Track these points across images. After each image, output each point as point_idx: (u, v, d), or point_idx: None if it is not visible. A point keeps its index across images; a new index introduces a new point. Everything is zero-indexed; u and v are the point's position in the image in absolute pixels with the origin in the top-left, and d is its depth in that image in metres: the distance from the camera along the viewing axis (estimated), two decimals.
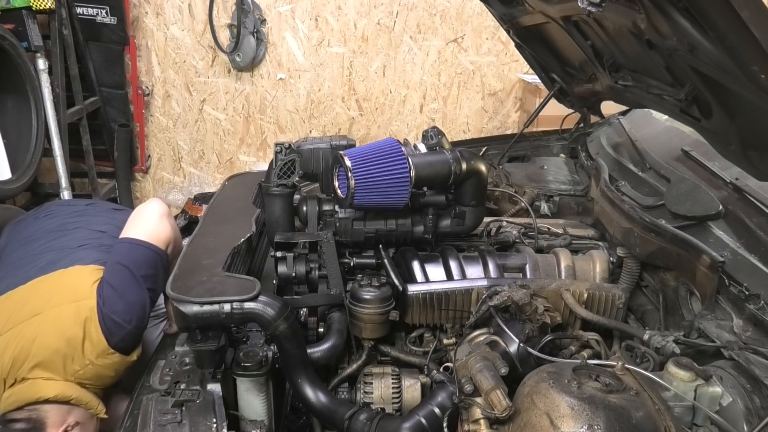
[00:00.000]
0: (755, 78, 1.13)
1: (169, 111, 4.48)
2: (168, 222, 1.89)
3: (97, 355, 1.63)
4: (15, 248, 1.94)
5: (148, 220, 1.85)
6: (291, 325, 1.41)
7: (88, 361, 1.62)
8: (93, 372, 1.64)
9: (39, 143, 3.33)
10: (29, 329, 1.61)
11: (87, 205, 2.19)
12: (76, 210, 2.11)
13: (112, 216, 2.10)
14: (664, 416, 1.12)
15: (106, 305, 1.63)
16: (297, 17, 4.23)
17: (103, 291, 1.66)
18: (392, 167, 1.61)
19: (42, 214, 2.09)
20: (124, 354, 1.67)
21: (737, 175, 1.65)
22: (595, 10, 1.51)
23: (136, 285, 1.70)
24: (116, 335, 1.63)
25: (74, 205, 2.25)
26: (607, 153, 2.25)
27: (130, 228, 1.84)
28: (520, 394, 1.23)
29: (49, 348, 1.60)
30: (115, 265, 1.73)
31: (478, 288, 1.63)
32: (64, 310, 1.63)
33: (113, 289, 1.67)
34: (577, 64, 2.27)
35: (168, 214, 1.92)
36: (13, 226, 2.10)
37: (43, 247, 1.88)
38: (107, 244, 1.89)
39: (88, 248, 1.86)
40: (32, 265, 1.80)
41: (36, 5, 3.32)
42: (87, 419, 1.68)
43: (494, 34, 4.25)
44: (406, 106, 4.46)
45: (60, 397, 1.60)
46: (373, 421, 1.39)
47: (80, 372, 1.63)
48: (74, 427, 1.64)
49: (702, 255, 1.45)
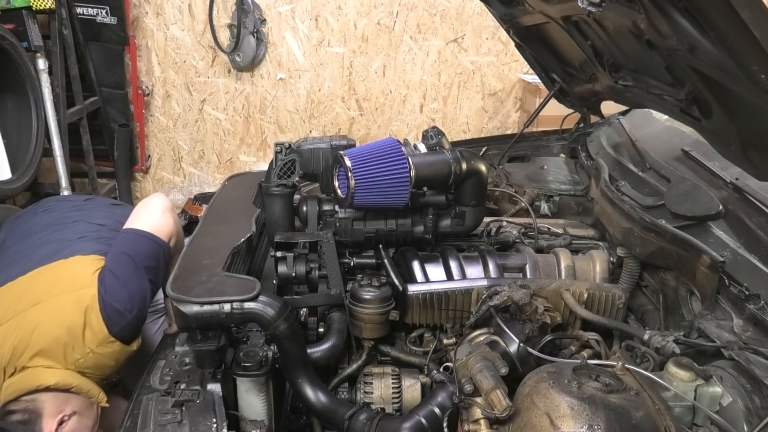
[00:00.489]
0: (755, 78, 1.13)
1: (169, 111, 4.48)
2: (171, 216, 1.91)
3: (98, 344, 1.63)
4: (13, 242, 1.95)
5: (151, 213, 1.87)
6: (291, 325, 1.41)
7: (88, 350, 1.63)
8: (93, 360, 1.65)
9: (39, 143, 3.34)
10: (29, 318, 1.62)
11: (85, 200, 2.20)
12: (74, 205, 2.13)
13: (111, 210, 2.11)
14: (664, 416, 1.12)
15: (107, 293, 1.64)
16: (297, 17, 4.24)
17: (105, 279, 1.67)
18: (392, 167, 1.61)
19: (41, 208, 2.11)
20: (125, 343, 1.68)
21: (737, 175, 1.65)
22: (595, 10, 1.51)
23: (139, 275, 1.71)
24: (117, 324, 1.64)
25: (72, 200, 2.27)
26: (607, 153, 2.25)
27: (133, 220, 1.86)
28: (520, 394, 1.23)
29: (50, 336, 1.61)
30: (118, 254, 1.75)
31: (478, 288, 1.63)
32: (65, 298, 1.64)
33: (116, 277, 1.68)
34: (577, 64, 2.27)
35: (171, 208, 1.94)
36: (11, 221, 2.10)
37: (42, 239, 1.89)
38: (106, 236, 1.90)
39: (88, 240, 1.87)
40: (31, 257, 1.81)
41: (36, 5, 3.32)
42: (85, 409, 1.68)
43: (494, 34, 4.25)
44: (406, 106, 4.46)
45: (61, 385, 1.61)
46: (373, 421, 1.39)
47: (81, 360, 1.64)
48: (71, 416, 1.64)
49: (702, 255, 1.45)
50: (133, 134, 4.40)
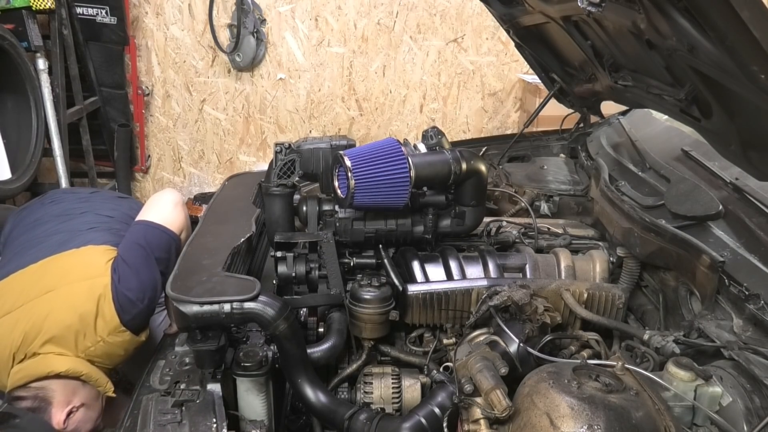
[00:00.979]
0: (755, 78, 1.13)
1: (169, 111, 4.48)
2: (182, 210, 1.95)
3: (109, 333, 1.66)
4: (22, 232, 1.97)
5: (164, 206, 1.91)
6: (291, 325, 1.41)
7: (99, 338, 1.65)
8: (103, 349, 1.67)
9: (39, 143, 3.34)
10: (42, 305, 1.64)
11: (91, 193, 2.24)
12: (81, 196, 2.16)
13: (118, 203, 2.15)
14: (664, 416, 1.12)
15: (121, 282, 1.67)
16: (297, 17, 4.23)
17: (118, 268, 1.70)
18: (392, 167, 1.61)
19: (48, 200, 2.13)
20: (134, 333, 1.71)
21: (737, 175, 1.65)
22: (595, 10, 1.51)
23: (151, 265, 1.74)
24: (129, 313, 1.66)
25: (79, 192, 2.31)
26: (607, 153, 2.25)
27: (146, 212, 1.90)
28: (520, 394, 1.23)
29: (62, 324, 1.62)
30: (131, 244, 1.78)
31: (478, 288, 1.63)
32: (78, 286, 1.66)
33: (128, 266, 1.71)
34: (577, 64, 2.27)
35: (182, 203, 1.98)
36: (18, 212, 2.14)
37: (52, 229, 1.91)
38: (116, 228, 1.93)
39: (98, 230, 1.90)
40: (42, 246, 1.83)
41: (36, 5, 3.32)
42: (92, 401, 1.70)
43: (494, 34, 4.25)
44: (406, 106, 4.46)
45: (71, 372, 1.63)
46: (373, 421, 1.39)
47: (91, 349, 1.65)
48: (79, 408, 1.66)
49: (702, 255, 1.45)
50: (133, 134, 4.41)
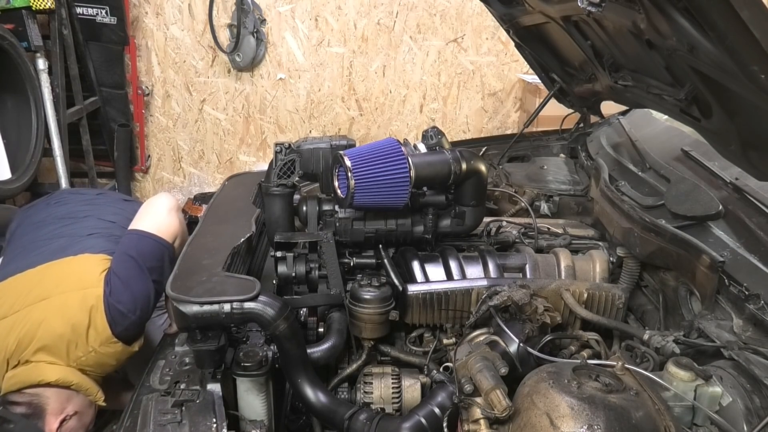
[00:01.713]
0: (755, 78, 1.13)
1: (169, 111, 4.47)
2: (176, 216, 1.94)
3: (101, 343, 1.66)
4: (26, 232, 1.98)
5: (157, 213, 1.90)
6: (291, 325, 1.41)
7: (91, 349, 1.65)
8: (95, 359, 1.68)
9: (39, 143, 3.34)
10: (36, 313, 1.64)
11: (97, 195, 2.25)
12: (86, 199, 2.16)
13: (122, 206, 2.15)
14: (664, 416, 1.12)
15: (112, 295, 1.67)
16: (297, 17, 4.23)
17: (111, 280, 1.70)
18: (392, 167, 1.61)
19: (53, 200, 2.14)
20: (127, 344, 1.71)
21: (737, 175, 1.65)
22: (595, 10, 1.51)
23: (143, 276, 1.74)
24: (120, 325, 1.67)
25: (85, 193, 2.32)
26: (607, 153, 2.25)
27: (139, 220, 1.89)
28: (520, 394, 1.23)
29: (55, 333, 1.63)
30: (122, 256, 1.77)
31: (478, 288, 1.63)
32: (72, 296, 1.67)
33: (120, 279, 1.70)
34: (577, 64, 2.27)
35: (177, 208, 1.97)
36: (24, 210, 2.15)
37: (53, 232, 1.92)
38: (117, 234, 1.93)
39: (98, 237, 1.90)
40: (42, 250, 1.83)
41: (36, 5, 3.32)
42: (85, 408, 1.71)
43: (494, 34, 4.25)
44: (406, 106, 4.46)
45: (61, 382, 1.63)
46: (373, 421, 1.39)
47: (83, 358, 1.66)
48: (72, 416, 1.67)
49: (702, 255, 1.45)
50: (133, 134, 4.40)
